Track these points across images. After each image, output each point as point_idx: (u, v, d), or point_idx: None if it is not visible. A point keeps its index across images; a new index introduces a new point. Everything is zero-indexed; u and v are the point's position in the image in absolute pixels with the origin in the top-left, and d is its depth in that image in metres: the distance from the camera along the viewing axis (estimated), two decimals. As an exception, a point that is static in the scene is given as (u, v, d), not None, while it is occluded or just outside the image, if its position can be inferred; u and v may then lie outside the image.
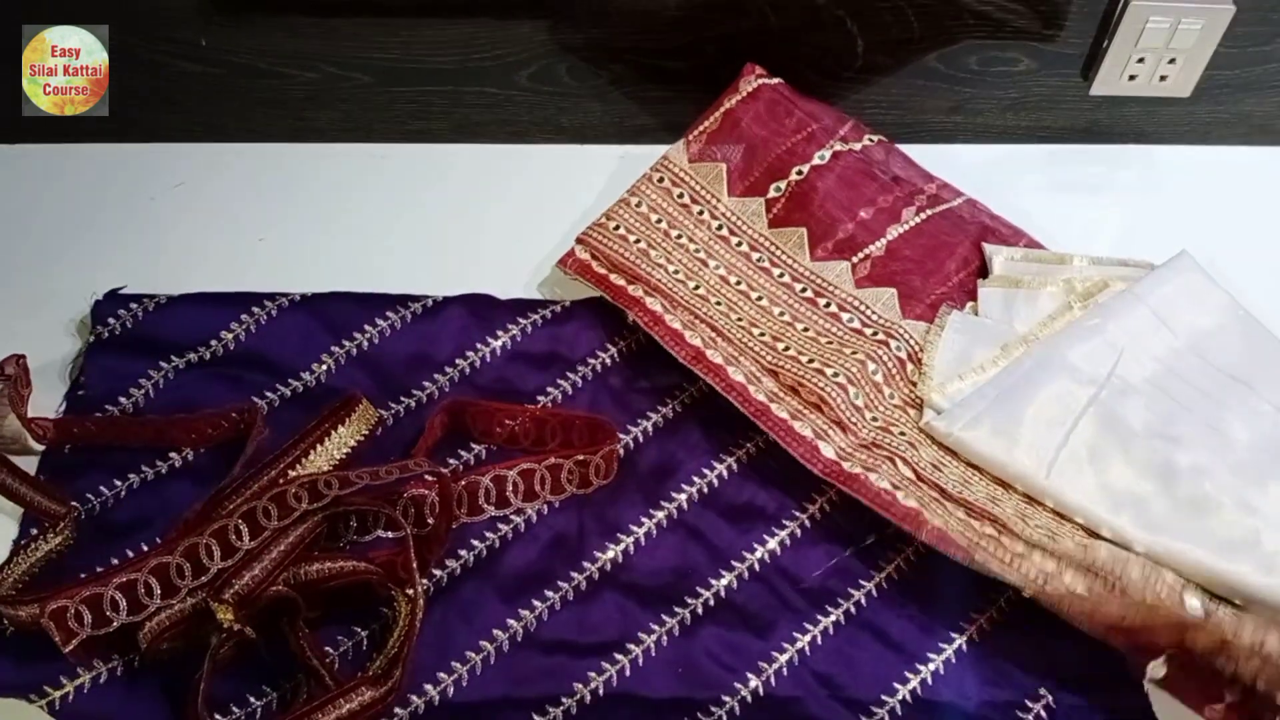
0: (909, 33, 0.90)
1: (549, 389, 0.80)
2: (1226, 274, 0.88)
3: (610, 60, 0.92)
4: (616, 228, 0.86)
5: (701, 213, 0.87)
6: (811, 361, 0.78)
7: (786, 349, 0.79)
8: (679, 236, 0.86)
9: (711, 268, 0.85)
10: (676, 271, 0.84)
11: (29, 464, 0.75)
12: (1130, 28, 0.88)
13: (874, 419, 0.77)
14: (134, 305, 0.81)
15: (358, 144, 0.95)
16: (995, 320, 0.84)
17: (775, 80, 0.91)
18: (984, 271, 0.88)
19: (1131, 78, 0.92)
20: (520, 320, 0.83)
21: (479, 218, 0.91)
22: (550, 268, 0.86)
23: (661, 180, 0.89)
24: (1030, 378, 0.78)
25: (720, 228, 0.87)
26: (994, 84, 0.94)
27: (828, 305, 0.84)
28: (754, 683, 0.68)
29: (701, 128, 0.90)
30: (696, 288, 0.83)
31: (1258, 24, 0.90)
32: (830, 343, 0.80)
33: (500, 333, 0.82)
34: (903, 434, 0.76)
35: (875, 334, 0.81)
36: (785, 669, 0.69)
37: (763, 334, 0.81)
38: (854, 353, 0.79)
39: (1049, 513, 0.74)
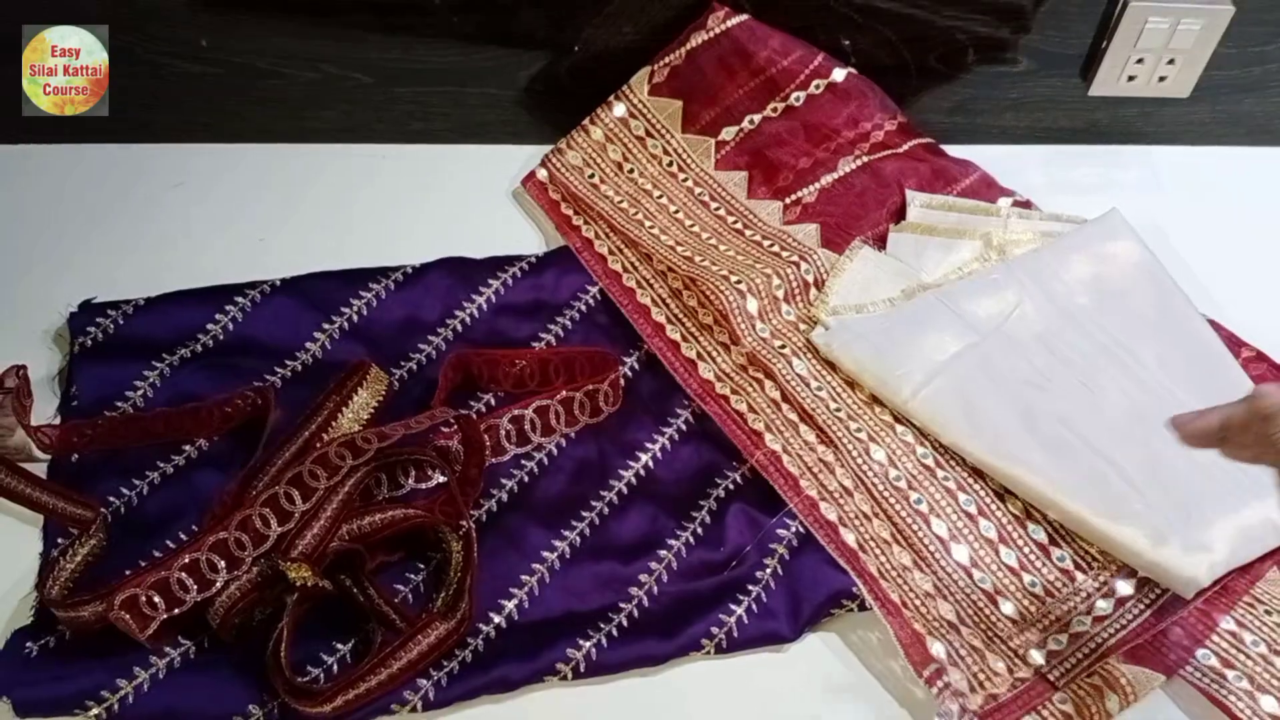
0: (904, 35, 0.91)
1: (541, 334, 0.83)
2: (1225, 273, 0.88)
3: (610, 60, 0.92)
4: (574, 155, 0.92)
5: (655, 147, 0.92)
6: (720, 270, 0.83)
7: (703, 260, 0.85)
8: (630, 170, 0.92)
9: (655, 196, 0.90)
10: (621, 201, 0.90)
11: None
12: (1129, 28, 0.88)
13: (763, 329, 0.82)
14: (111, 312, 0.80)
15: (358, 144, 0.95)
16: (905, 263, 0.87)
17: (741, 18, 0.89)
18: None
19: (1130, 78, 0.92)
20: (500, 274, 0.85)
21: (479, 217, 0.91)
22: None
23: (622, 113, 0.93)
24: (920, 318, 0.83)
25: (670, 164, 0.92)
26: (994, 84, 0.95)
27: (753, 235, 0.88)
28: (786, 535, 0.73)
29: (665, 61, 0.91)
30: (636, 214, 0.89)
31: (1257, 24, 0.90)
32: (745, 259, 0.86)
33: (483, 288, 0.84)
34: (784, 347, 0.81)
35: (790, 256, 0.86)
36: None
37: (686, 251, 0.86)
38: (764, 268, 0.84)
39: (913, 432, 0.78)
